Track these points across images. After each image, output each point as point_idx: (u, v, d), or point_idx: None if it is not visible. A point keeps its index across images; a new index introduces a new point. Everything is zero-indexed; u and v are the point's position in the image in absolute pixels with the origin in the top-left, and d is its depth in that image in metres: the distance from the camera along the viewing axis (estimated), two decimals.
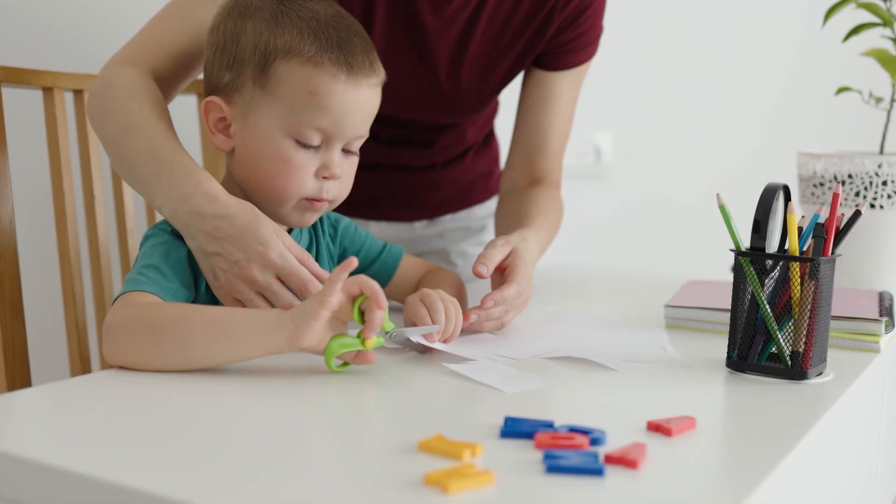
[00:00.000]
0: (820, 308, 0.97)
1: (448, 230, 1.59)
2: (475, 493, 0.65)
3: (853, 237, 1.33)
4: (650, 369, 1.01)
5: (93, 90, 1.14)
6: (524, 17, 1.32)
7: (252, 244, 0.99)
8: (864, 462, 1.12)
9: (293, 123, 1.03)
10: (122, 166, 1.09)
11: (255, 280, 0.99)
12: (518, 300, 1.14)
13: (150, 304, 0.96)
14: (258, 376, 0.93)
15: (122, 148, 1.07)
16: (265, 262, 0.98)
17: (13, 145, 1.29)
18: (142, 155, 1.05)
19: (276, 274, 0.99)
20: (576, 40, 1.36)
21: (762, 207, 0.99)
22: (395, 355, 1.03)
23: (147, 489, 0.65)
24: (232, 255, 0.99)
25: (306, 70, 1.02)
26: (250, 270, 0.99)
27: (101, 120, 1.11)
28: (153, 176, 1.04)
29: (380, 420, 0.83)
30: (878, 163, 1.44)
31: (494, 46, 1.34)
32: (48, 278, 1.53)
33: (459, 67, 1.34)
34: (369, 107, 1.07)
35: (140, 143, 1.06)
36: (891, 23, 1.51)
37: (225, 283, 1.00)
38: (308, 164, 1.04)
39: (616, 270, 1.74)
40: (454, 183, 1.56)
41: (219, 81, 1.07)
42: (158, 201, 1.04)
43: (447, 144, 1.50)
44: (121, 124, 1.08)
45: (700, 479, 0.72)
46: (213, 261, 1.00)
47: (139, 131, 1.06)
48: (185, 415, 0.82)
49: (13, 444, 0.73)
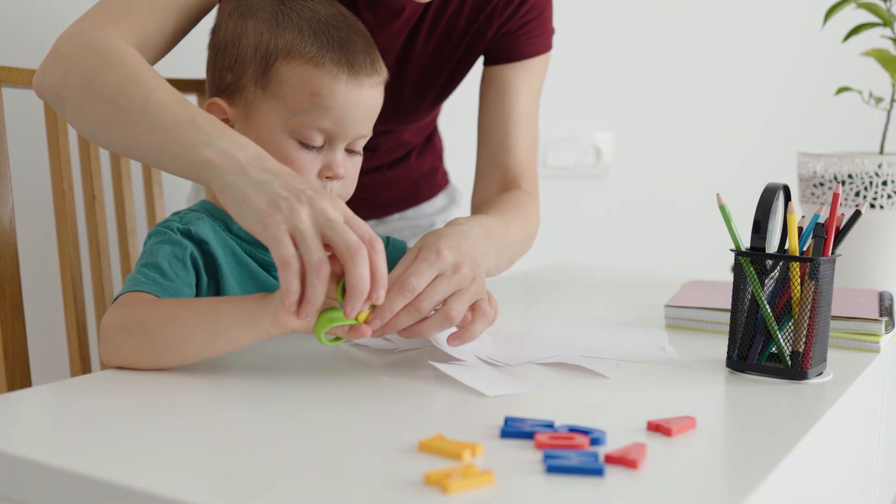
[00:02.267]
0: (820, 308, 0.97)
1: (396, 229, 1.59)
2: (475, 493, 0.65)
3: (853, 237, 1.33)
4: (650, 369, 1.01)
5: (63, 54, 1.03)
6: (465, 23, 1.30)
7: (320, 189, 0.90)
8: (864, 462, 1.12)
9: (295, 124, 1.02)
10: (131, 119, 0.97)
11: (325, 212, 0.88)
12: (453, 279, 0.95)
13: (141, 302, 0.95)
14: (258, 376, 0.93)
15: (130, 98, 0.97)
16: (335, 203, 0.89)
17: (13, 145, 1.29)
18: (163, 103, 0.96)
19: (344, 219, 0.89)
20: (521, 30, 1.32)
21: (762, 207, 0.99)
22: (395, 355, 1.03)
23: (147, 489, 0.65)
24: (296, 187, 0.89)
25: (308, 70, 1.02)
26: (320, 202, 0.88)
27: (88, 79, 1.00)
28: (189, 122, 0.94)
29: (380, 420, 0.83)
30: (878, 163, 1.45)
31: (436, 57, 1.32)
32: (48, 278, 1.53)
33: (402, 81, 1.32)
34: (372, 106, 1.06)
35: (158, 91, 0.97)
36: (891, 23, 1.51)
37: (286, 210, 0.87)
38: (311, 164, 1.04)
39: (616, 270, 1.74)
40: (400, 182, 1.55)
41: (221, 83, 1.07)
42: (195, 140, 0.93)
43: (391, 148, 1.49)
44: (123, 78, 0.98)
45: (700, 479, 0.72)
46: (272, 191, 0.89)
47: (152, 82, 0.98)
48: (185, 415, 0.82)
49: (13, 444, 0.73)
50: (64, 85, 1.02)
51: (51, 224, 1.47)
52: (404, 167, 1.54)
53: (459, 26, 1.29)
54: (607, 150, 2.42)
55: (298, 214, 0.87)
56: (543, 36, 1.35)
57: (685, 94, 2.51)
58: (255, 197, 0.89)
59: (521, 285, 1.57)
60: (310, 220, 0.87)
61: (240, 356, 0.99)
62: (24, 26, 1.56)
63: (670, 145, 2.51)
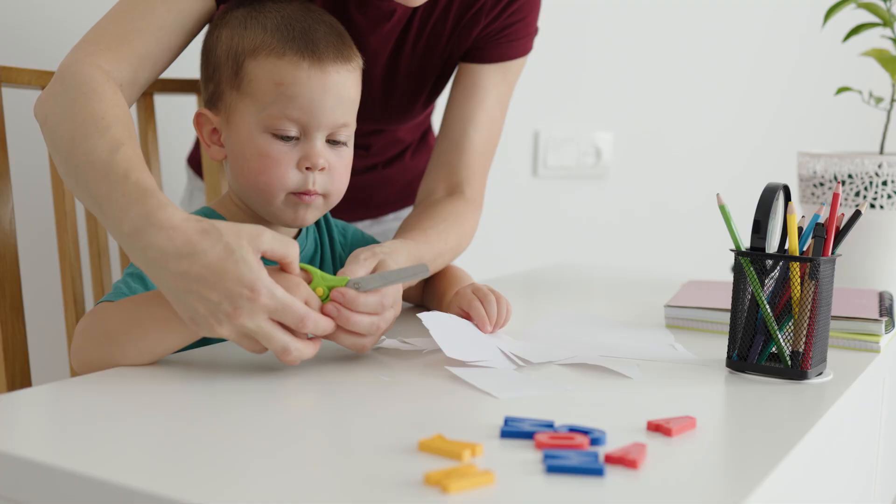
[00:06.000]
0: (820, 308, 0.97)
1: (391, 229, 1.58)
2: (475, 493, 0.65)
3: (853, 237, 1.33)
4: (650, 369, 1.01)
5: (54, 90, 1.04)
6: (453, 22, 1.29)
7: (235, 288, 0.87)
8: (864, 462, 1.12)
9: (266, 118, 1.04)
10: (75, 179, 0.96)
11: (245, 326, 0.88)
12: (385, 315, 0.97)
13: (103, 308, 0.97)
14: (258, 377, 0.93)
15: (76, 158, 0.96)
16: (253, 306, 0.87)
17: (13, 145, 1.29)
18: (98, 166, 0.93)
19: (268, 316, 0.88)
20: (504, 32, 1.30)
21: (762, 207, 0.99)
22: (395, 355, 1.03)
23: (147, 489, 0.65)
24: (212, 299, 0.87)
25: (270, 63, 1.04)
26: (238, 318, 0.87)
27: (56, 126, 1.00)
28: (106, 198, 0.92)
29: (380, 420, 0.83)
30: (878, 163, 1.45)
31: (426, 56, 1.31)
32: (48, 278, 1.53)
33: (394, 81, 1.32)
34: (341, 92, 1.06)
35: (97, 151, 0.94)
36: (891, 23, 1.51)
37: (207, 329, 0.89)
38: (287, 156, 1.04)
39: (616, 270, 1.74)
40: (395, 182, 1.55)
41: (206, 93, 1.11)
42: (112, 231, 0.92)
43: (384, 146, 1.49)
44: (76, 131, 0.97)
45: (700, 479, 0.72)
46: (188, 302, 0.88)
47: (95, 138, 0.95)
48: (184, 415, 0.82)
49: (13, 444, 0.73)
50: (45, 124, 1.02)
51: (51, 224, 1.47)
52: (399, 166, 1.54)
53: (448, 26, 1.29)
54: (607, 150, 2.42)
55: (219, 333, 0.89)
56: (525, 39, 1.33)
57: (685, 94, 2.51)
58: (178, 308, 0.90)
59: (521, 285, 1.57)
60: (238, 338, 0.90)
61: (240, 357, 0.99)
62: (24, 26, 1.56)
63: (670, 145, 2.51)
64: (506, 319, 1.10)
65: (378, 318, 0.96)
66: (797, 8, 2.54)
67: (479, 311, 1.07)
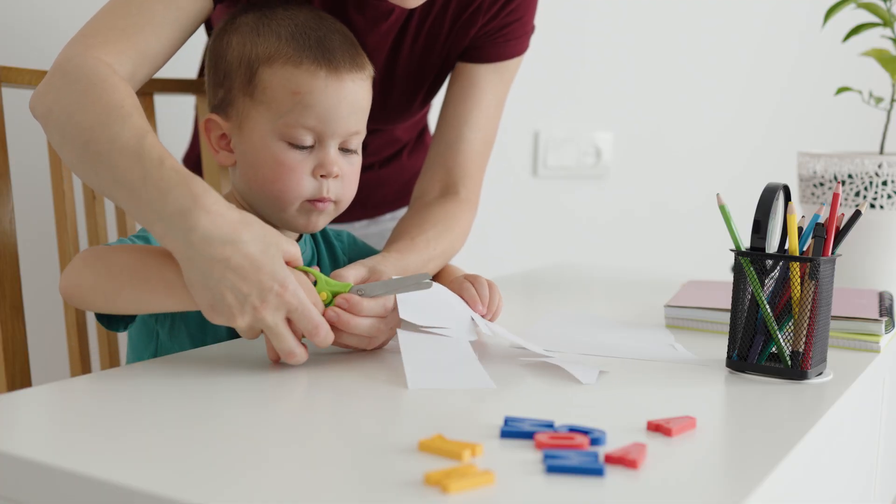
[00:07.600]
0: (820, 308, 0.97)
1: (388, 230, 1.58)
2: (475, 493, 0.65)
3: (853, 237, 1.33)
4: (649, 369, 1.01)
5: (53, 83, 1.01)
6: (450, 21, 1.29)
7: (268, 282, 0.89)
8: (864, 462, 1.12)
9: (282, 126, 1.04)
10: (97, 168, 0.95)
11: (264, 320, 0.90)
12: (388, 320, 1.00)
13: (112, 247, 0.97)
14: (258, 377, 0.93)
15: (97, 146, 0.95)
16: (280, 302, 0.90)
17: (13, 145, 1.29)
18: (126, 152, 0.93)
19: (287, 314, 0.91)
20: (501, 31, 1.30)
21: (762, 207, 0.99)
22: (395, 354, 1.03)
23: (147, 489, 0.65)
24: (242, 290, 0.89)
25: (287, 71, 1.04)
26: (263, 311, 0.89)
27: (67, 117, 0.98)
28: (140, 181, 0.91)
29: (380, 420, 0.83)
30: (878, 163, 1.45)
31: (424, 56, 1.31)
32: (48, 278, 1.53)
33: (392, 81, 1.32)
34: (356, 101, 1.07)
35: (123, 137, 0.94)
36: (891, 23, 1.51)
37: (225, 318, 0.91)
38: (303, 164, 1.05)
39: (616, 270, 1.74)
40: (392, 181, 1.55)
41: (215, 99, 1.10)
42: (145, 214, 0.92)
43: (381, 145, 1.49)
44: (94, 120, 0.96)
45: (700, 479, 0.72)
46: (217, 289, 0.89)
47: (118, 124, 0.95)
48: (184, 415, 0.82)
49: (13, 444, 0.73)
50: (49, 116, 1.00)
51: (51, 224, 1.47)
52: (397, 165, 1.54)
53: (445, 25, 1.29)
54: (607, 150, 2.42)
55: (237, 324, 0.90)
56: (522, 38, 1.33)
57: (685, 94, 2.51)
58: (201, 293, 0.90)
59: (521, 285, 1.57)
60: (247, 330, 0.91)
61: (239, 356, 0.99)
62: (24, 26, 1.56)
63: (670, 145, 2.51)
64: (498, 307, 1.10)
65: (379, 321, 0.98)
66: (797, 7, 2.54)
67: (470, 291, 1.08)
